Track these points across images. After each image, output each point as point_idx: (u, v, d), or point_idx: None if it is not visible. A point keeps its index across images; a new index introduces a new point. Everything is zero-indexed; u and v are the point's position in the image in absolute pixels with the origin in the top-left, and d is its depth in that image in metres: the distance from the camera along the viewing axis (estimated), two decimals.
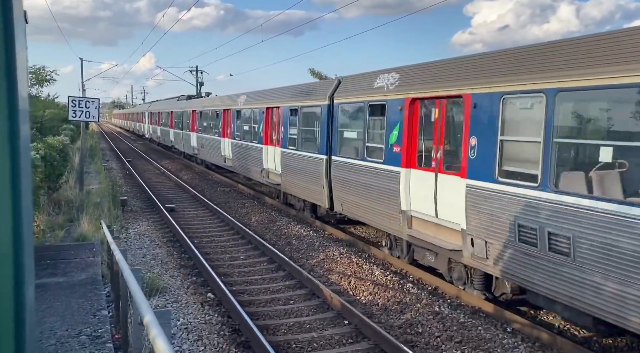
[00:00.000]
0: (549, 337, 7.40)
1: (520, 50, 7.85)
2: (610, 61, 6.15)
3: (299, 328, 8.00)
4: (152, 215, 16.85)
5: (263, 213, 16.91)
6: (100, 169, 27.11)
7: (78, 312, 6.98)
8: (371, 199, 11.40)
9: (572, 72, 6.64)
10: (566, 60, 6.81)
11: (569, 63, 6.75)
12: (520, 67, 7.55)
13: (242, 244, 13.24)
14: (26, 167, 1.18)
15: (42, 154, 13.67)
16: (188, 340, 7.48)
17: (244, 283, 10.20)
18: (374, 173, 11.23)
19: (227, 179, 24.48)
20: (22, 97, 1.14)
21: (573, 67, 6.65)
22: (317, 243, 12.83)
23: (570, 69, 6.68)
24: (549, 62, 7.06)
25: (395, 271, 10.75)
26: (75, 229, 12.98)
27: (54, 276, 8.73)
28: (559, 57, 6.96)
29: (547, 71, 7.03)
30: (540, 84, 7.09)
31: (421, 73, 10.04)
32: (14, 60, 1.11)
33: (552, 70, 6.94)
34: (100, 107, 18.34)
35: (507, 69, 7.80)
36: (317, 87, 14.98)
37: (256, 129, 19.22)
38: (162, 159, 35.82)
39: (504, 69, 7.89)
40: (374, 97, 11.42)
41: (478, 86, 8.28)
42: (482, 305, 8.70)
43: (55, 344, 5.87)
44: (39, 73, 25.42)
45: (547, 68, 7.04)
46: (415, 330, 7.93)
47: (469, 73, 8.63)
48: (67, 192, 17.26)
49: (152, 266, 11.06)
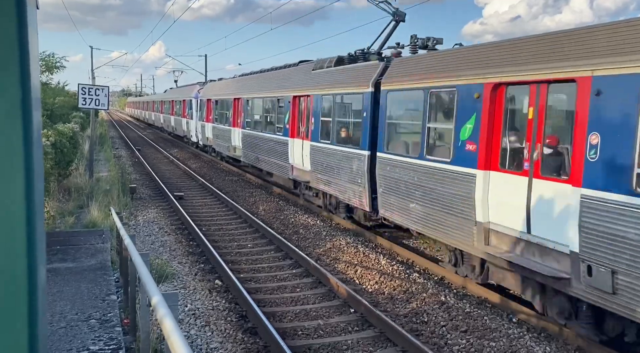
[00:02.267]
0: (554, 327, 7.41)
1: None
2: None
3: (305, 316, 8.07)
4: (161, 203, 16.96)
5: (271, 202, 16.97)
6: (109, 157, 27.27)
7: (88, 297, 7.08)
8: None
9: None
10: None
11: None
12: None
13: (250, 232, 13.32)
14: (38, 153, 1.19)
15: (53, 141, 13.79)
16: (195, 325, 7.57)
17: (252, 271, 10.28)
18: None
19: (235, 169, 24.56)
20: (34, 85, 1.15)
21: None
22: (324, 233, 12.88)
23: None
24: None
25: (401, 261, 10.78)
26: (85, 216, 13.11)
27: (64, 262, 8.84)
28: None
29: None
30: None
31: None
32: (27, 46, 1.11)
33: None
34: (110, 95, 18.41)
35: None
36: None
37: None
38: (171, 148, 35.97)
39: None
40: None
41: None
42: (488, 295, 8.72)
43: (65, 327, 5.96)
44: (48, 60, 25.52)
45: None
46: (421, 319, 7.98)
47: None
48: (77, 179, 17.41)
49: (160, 253, 11.17)
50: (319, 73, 14.93)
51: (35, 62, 1.17)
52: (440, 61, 9.79)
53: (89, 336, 5.77)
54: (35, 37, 1.19)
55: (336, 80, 13.61)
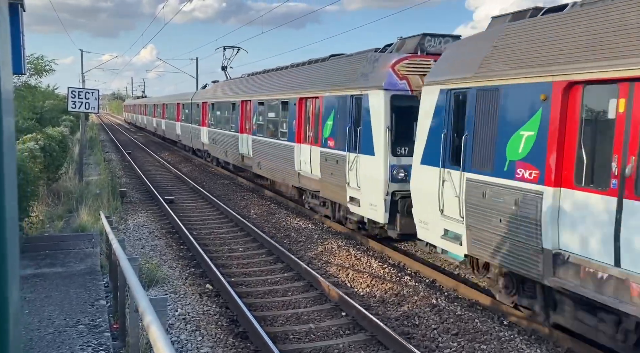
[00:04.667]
0: (545, 330, 7.43)
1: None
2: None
3: (296, 320, 8.04)
4: (151, 207, 16.86)
5: (262, 205, 16.92)
6: (99, 161, 27.11)
7: (76, 302, 7.01)
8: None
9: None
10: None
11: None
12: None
13: (241, 236, 13.27)
14: (10, 163, 1.07)
15: (42, 145, 13.68)
16: (186, 330, 7.51)
17: (243, 275, 10.24)
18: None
19: (226, 172, 24.48)
20: (5, 89, 1.04)
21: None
22: (315, 236, 12.85)
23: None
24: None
25: (393, 264, 10.78)
26: (74, 220, 13.00)
27: (52, 266, 8.76)
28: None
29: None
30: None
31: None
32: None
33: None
34: (101, 98, 18.30)
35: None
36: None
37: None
38: (162, 152, 35.81)
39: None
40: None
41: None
42: (479, 298, 8.73)
43: (53, 333, 5.90)
44: (37, 63, 25.34)
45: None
46: (412, 322, 7.97)
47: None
48: (67, 183, 17.26)
49: (150, 257, 11.09)
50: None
51: (6, 64, 1.08)
52: None
53: (78, 342, 5.72)
54: (6, 37, 1.10)
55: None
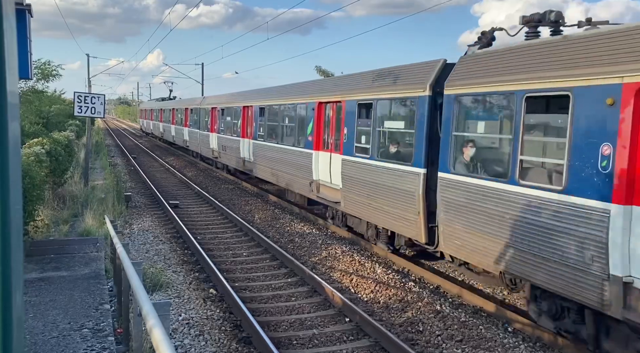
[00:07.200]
0: (550, 337, 7.39)
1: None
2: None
3: (300, 325, 8.03)
4: (156, 211, 16.91)
5: (266, 210, 16.94)
6: (105, 165, 27.21)
7: (81, 306, 7.03)
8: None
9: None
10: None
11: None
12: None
13: (245, 241, 13.27)
14: (15, 167, 1.07)
15: (48, 149, 13.76)
16: (189, 335, 7.51)
17: (246, 280, 10.23)
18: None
19: (231, 177, 24.52)
20: (10, 93, 1.05)
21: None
22: (319, 241, 12.85)
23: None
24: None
25: (397, 269, 10.75)
26: (79, 224, 13.05)
27: (57, 270, 8.79)
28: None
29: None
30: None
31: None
32: (3, 53, 1.03)
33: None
34: (107, 103, 18.39)
35: None
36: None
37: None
38: (167, 156, 35.92)
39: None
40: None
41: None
42: (484, 304, 8.70)
43: (57, 337, 5.92)
44: (44, 68, 25.52)
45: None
46: (416, 329, 7.94)
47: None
48: (72, 187, 17.34)
49: (155, 262, 11.11)
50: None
51: (12, 69, 1.08)
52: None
53: (81, 346, 5.73)
54: (13, 43, 1.11)
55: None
